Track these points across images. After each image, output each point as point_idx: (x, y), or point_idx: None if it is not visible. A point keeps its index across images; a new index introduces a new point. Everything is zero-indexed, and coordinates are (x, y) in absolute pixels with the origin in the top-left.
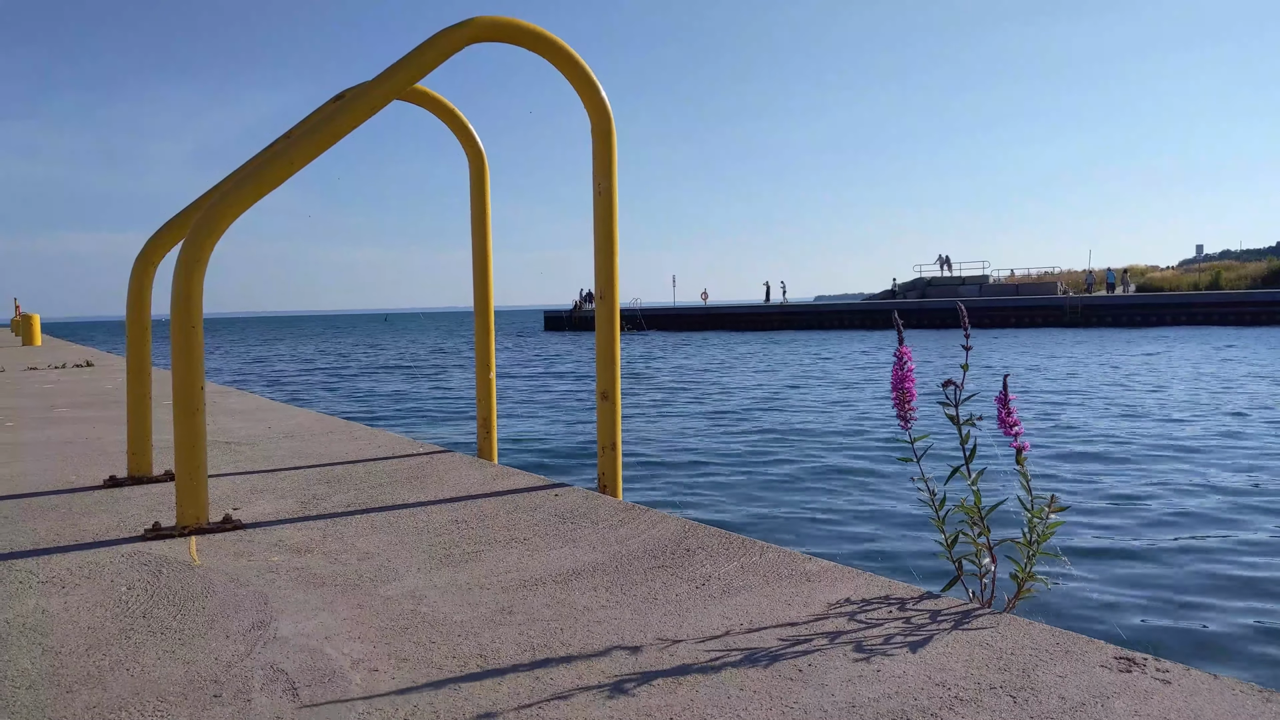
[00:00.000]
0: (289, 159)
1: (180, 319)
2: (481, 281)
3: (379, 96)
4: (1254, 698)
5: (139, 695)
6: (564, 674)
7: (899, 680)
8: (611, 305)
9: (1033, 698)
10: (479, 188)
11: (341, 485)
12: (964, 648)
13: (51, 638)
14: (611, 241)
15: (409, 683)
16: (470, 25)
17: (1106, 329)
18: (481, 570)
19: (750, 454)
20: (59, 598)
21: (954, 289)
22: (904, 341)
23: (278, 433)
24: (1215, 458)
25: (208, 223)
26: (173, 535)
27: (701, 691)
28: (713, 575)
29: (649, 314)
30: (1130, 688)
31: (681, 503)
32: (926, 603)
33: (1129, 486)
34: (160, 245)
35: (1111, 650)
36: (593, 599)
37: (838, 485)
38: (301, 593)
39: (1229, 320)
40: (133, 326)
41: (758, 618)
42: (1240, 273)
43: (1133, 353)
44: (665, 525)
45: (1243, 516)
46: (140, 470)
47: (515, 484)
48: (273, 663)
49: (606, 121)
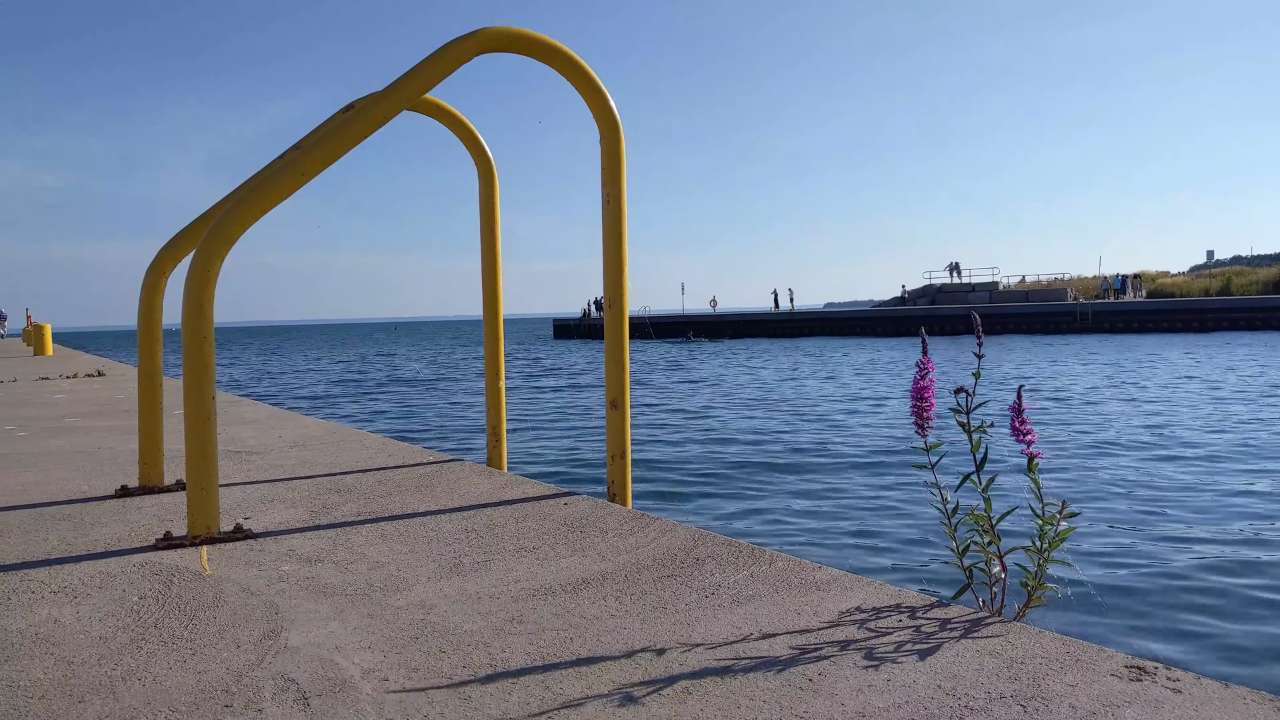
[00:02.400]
0: (299, 169)
1: (192, 329)
2: (491, 290)
3: (389, 107)
4: (1266, 707)
5: (151, 705)
6: (574, 683)
7: (909, 689)
8: (620, 313)
9: (1043, 707)
10: (488, 197)
11: (352, 494)
12: (974, 656)
13: (63, 647)
14: (620, 250)
15: (419, 692)
16: (478, 36)
17: (1120, 335)
18: (491, 579)
19: (760, 462)
20: (71, 607)
21: (964, 296)
22: (927, 352)
23: (288, 442)
24: (1233, 465)
25: (219, 234)
26: (184, 545)
27: (711, 700)
28: (722, 584)
29: (656, 322)
30: (1141, 697)
31: (691, 509)
32: (936, 611)
33: (1144, 492)
34: (172, 255)
35: (1122, 659)
36: (602, 608)
37: (850, 494)
38: (312, 602)
39: (1240, 325)
40: (144, 336)
41: (767, 627)
42: (1251, 278)
43: (1142, 359)
44: (675, 534)
45: (1259, 524)
46: (151, 480)
47: (525, 493)
48: (284, 672)
49: (615, 131)
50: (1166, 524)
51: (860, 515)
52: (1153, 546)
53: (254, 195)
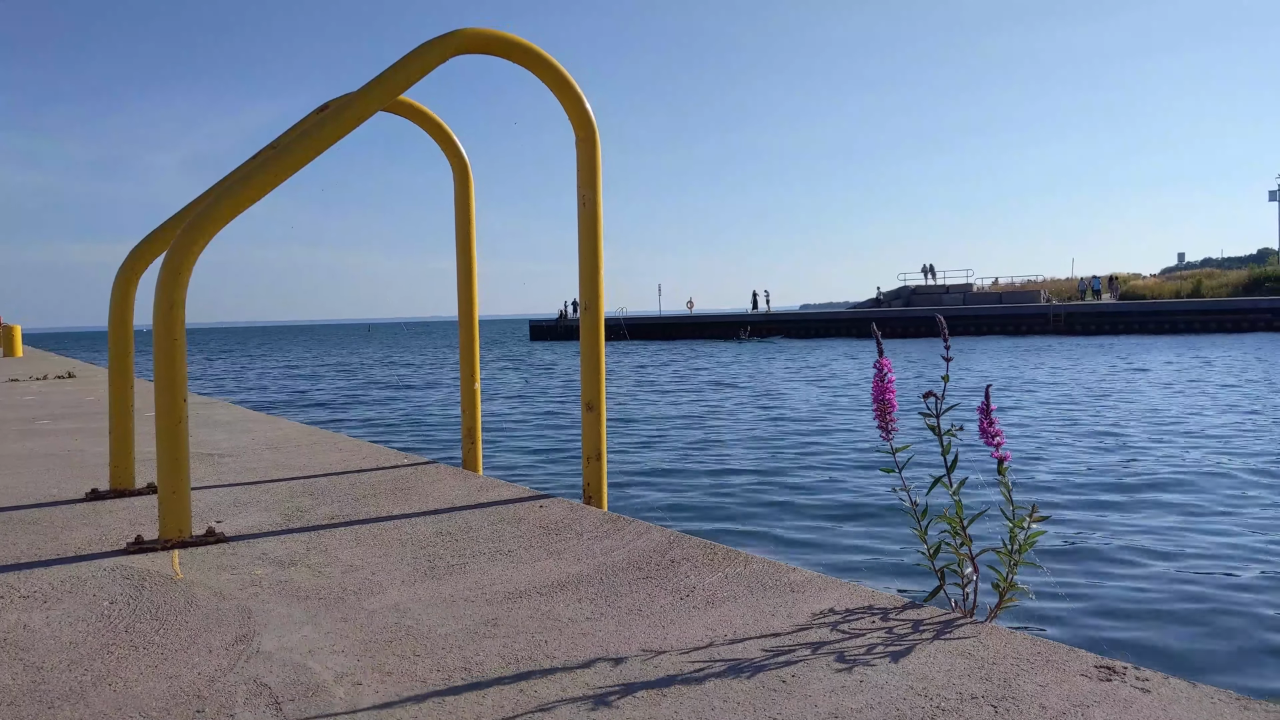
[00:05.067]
0: (273, 170)
1: (163, 330)
2: (466, 291)
3: (363, 108)
4: (1232, 705)
5: (121, 710)
6: (548, 686)
7: (881, 690)
8: (596, 315)
9: (1014, 707)
10: (463, 198)
11: (325, 497)
12: (946, 657)
13: (33, 653)
14: (596, 252)
15: (393, 696)
16: (454, 37)
17: (1092, 337)
18: (466, 583)
19: (735, 465)
20: (40, 612)
21: (938, 297)
22: (884, 353)
23: (261, 444)
24: (1205, 467)
25: (191, 234)
26: (155, 549)
27: (685, 703)
28: (697, 586)
29: (633, 324)
30: (1110, 696)
31: (668, 509)
32: (909, 613)
33: (1112, 494)
34: (143, 256)
35: (1092, 659)
36: (577, 611)
37: (822, 495)
38: (285, 606)
39: (1211, 328)
40: (115, 337)
41: (741, 629)
42: (1221, 280)
43: (1116, 361)
44: (650, 536)
45: (1231, 524)
46: (122, 483)
47: (500, 495)
48: (256, 677)
49: (590, 132)
50: (1136, 526)
51: (835, 517)
52: (1122, 548)
53: (227, 196)
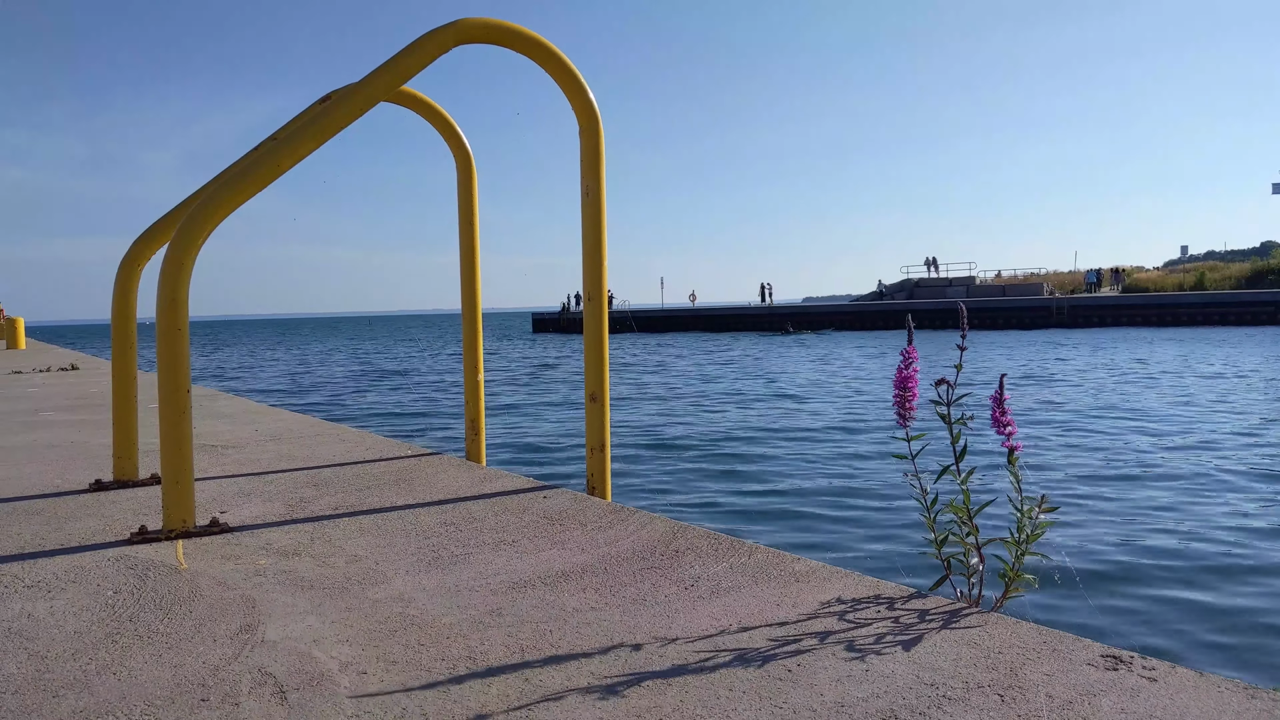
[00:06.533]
0: (274, 162)
1: (166, 322)
2: (469, 284)
3: (365, 99)
4: (1239, 694)
5: (125, 699)
6: (553, 675)
7: (888, 680)
8: (600, 307)
9: (1020, 696)
10: (466, 190)
11: (329, 488)
12: (952, 647)
13: (37, 642)
14: (600, 243)
15: (398, 685)
16: (456, 27)
17: (1095, 329)
18: (470, 573)
19: (740, 453)
20: (45, 602)
21: (941, 290)
22: (912, 341)
23: (265, 435)
24: (1212, 456)
25: (193, 226)
26: (159, 539)
27: (691, 692)
28: (702, 576)
29: (638, 315)
30: (1117, 685)
31: (671, 503)
32: (915, 602)
33: (1120, 485)
34: (146, 249)
35: (1098, 648)
36: (582, 600)
37: (829, 485)
38: (289, 596)
39: (1214, 320)
40: (118, 330)
41: (747, 618)
42: (1224, 273)
43: (1124, 352)
44: (654, 526)
45: (1235, 515)
46: (126, 474)
47: (504, 486)
48: (261, 666)
49: (594, 123)
50: (1143, 515)
51: (842, 507)
52: (1130, 537)
53: (229, 188)
